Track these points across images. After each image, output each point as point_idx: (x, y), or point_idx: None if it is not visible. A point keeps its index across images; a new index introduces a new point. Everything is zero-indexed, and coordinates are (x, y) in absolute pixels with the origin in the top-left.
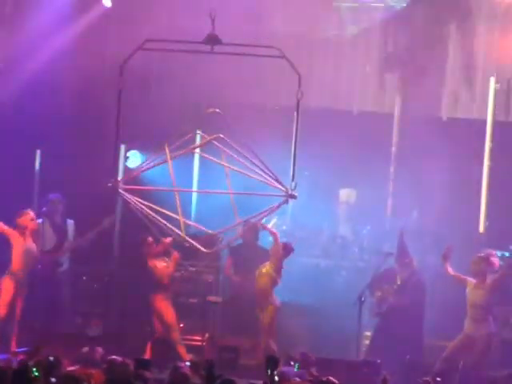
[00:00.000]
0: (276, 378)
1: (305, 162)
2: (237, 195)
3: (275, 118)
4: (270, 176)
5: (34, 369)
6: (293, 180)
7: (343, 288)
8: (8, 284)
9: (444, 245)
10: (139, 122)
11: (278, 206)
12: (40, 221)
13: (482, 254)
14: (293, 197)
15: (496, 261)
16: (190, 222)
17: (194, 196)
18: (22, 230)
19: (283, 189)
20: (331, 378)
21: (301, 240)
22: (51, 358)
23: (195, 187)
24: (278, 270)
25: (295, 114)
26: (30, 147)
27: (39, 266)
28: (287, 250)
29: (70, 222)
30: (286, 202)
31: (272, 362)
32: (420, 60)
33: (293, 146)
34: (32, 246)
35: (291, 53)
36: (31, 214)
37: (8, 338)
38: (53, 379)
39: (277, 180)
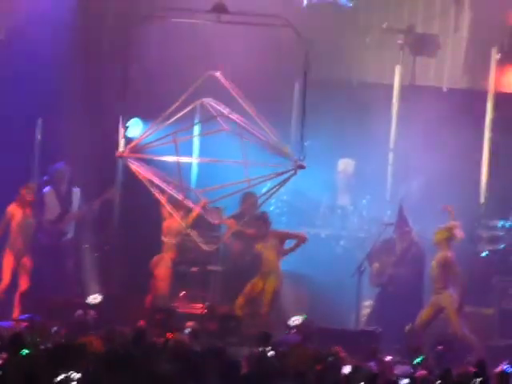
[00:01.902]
0: (272, 353)
1: (305, 131)
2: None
3: (277, 87)
4: (278, 146)
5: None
6: (302, 150)
7: (343, 258)
8: (8, 256)
9: (443, 214)
10: (139, 91)
11: (289, 178)
12: (46, 189)
13: (446, 225)
14: (302, 167)
15: (459, 233)
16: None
17: (195, 165)
18: (22, 201)
19: (292, 159)
20: (337, 348)
21: (301, 210)
22: (55, 328)
23: (195, 155)
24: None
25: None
26: (30, 117)
27: (40, 236)
28: (264, 221)
29: (76, 191)
30: (295, 172)
31: (263, 338)
32: (420, 30)
33: (301, 117)
34: (30, 218)
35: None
36: (33, 188)
37: (10, 306)
38: (48, 345)
39: (285, 151)
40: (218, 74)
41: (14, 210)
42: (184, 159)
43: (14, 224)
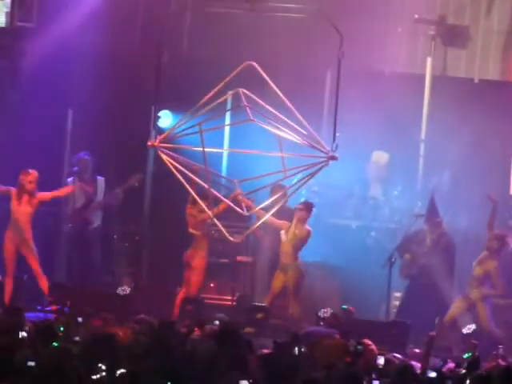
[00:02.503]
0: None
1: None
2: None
3: (307, 79)
4: (310, 138)
5: (61, 327)
6: (334, 141)
7: (373, 249)
8: (6, 244)
9: (474, 206)
10: (170, 82)
11: (320, 169)
12: (70, 180)
13: (499, 232)
14: (334, 158)
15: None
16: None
17: (225, 155)
18: (20, 188)
19: (324, 150)
20: (366, 340)
21: (332, 201)
22: (79, 319)
23: (226, 145)
24: (304, 232)
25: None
26: (62, 106)
27: (69, 225)
28: (308, 207)
29: (101, 179)
30: (327, 163)
31: (296, 340)
32: (451, 21)
33: (334, 107)
34: (27, 206)
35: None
36: (33, 175)
37: (39, 296)
38: (76, 338)
39: (318, 141)
40: (254, 63)
41: (14, 195)
42: (218, 150)
43: (11, 211)
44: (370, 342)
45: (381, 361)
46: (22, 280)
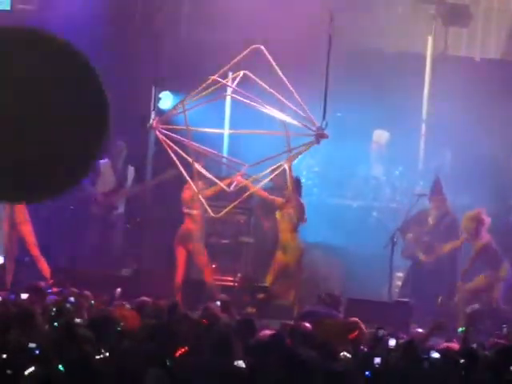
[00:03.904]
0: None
1: (337, 103)
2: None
3: (303, 56)
4: (302, 114)
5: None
6: (324, 119)
7: (375, 229)
8: (6, 226)
9: (476, 186)
10: (170, 63)
11: (308, 147)
12: (104, 161)
13: (473, 213)
14: (323, 136)
15: (487, 218)
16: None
17: (226, 136)
18: None
19: (313, 128)
20: (356, 319)
21: (333, 181)
22: (72, 299)
23: (227, 126)
24: (299, 208)
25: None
26: None
27: (93, 208)
28: (296, 183)
29: (131, 169)
30: (318, 142)
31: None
32: (452, 0)
33: (324, 84)
34: None
35: None
36: None
37: (40, 278)
38: (78, 320)
39: (309, 118)
40: (262, 47)
41: None
42: (201, 130)
43: None
44: (359, 321)
45: (391, 342)
46: (24, 262)
